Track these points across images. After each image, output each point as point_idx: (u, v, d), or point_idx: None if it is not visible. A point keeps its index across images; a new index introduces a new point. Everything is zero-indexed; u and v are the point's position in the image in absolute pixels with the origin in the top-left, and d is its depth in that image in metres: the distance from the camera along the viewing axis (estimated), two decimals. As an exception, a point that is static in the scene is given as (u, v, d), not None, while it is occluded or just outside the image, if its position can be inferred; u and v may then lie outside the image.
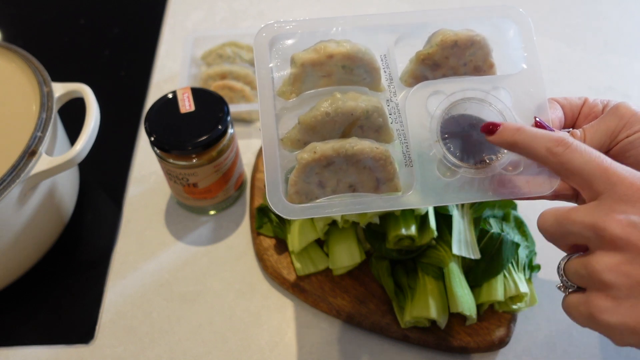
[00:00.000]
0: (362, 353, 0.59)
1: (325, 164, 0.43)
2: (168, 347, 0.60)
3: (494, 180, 0.45)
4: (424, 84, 0.45)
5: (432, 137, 0.45)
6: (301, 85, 0.45)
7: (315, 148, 0.43)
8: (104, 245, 0.68)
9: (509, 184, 0.45)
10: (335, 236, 0.60)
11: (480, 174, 0.45)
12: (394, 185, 0.45)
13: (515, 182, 0.45)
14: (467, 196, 0.44)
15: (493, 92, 0.45)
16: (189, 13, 0.96)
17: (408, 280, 0.58)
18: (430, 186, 0.44)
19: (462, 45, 0.45)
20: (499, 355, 0.58)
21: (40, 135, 0.56)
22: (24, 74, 0.62)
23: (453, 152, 0.45)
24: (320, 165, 0.43)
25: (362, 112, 0.44)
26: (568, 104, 0.47)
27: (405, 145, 0.45)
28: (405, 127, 0.45)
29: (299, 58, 0.45)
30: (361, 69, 0.45)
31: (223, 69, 0.79)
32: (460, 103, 0.45)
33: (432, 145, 0.44)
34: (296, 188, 0.43)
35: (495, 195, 0.45)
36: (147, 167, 0.75)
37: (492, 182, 0.45)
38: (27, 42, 0.93)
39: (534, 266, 0.60)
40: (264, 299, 0.63)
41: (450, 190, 0.44)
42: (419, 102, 0.45)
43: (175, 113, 0.60)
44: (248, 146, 0.77)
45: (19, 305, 0.64)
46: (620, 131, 0.42)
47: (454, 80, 0.46)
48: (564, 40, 0.88)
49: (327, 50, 0.44)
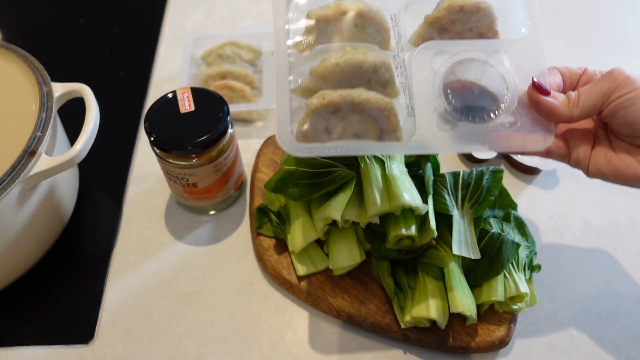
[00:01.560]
0: (362, 353, 0.59)
1: (332, 110, 0.46)
2: (168, 347, 0.60)
3: (491, 135, 0.48)
4: (430, 43, 0.49)
5: (435, 92, 0.47)
6: (315, 40, 0.48)
7: (324, 94, 0.46)
8: (103, 245, 0.68)
9: (505, 139, 0.48)
10: (335, 236, 0.60)
11: (479, 128, 0.47)
12: (396, 136, 0.47)
13: (512, 138, 0.48)
14: (463, 147, 0.47)
15: (495, 55, 0.48)
16: (189, 13, 0.96)
17: (408, 280, 0.58)
18: (430, 136, 0.47)
19: (468, 11, 0.48)
20: (499, 355, 0.58)
21: (39, 135, 0.56)
22: (24, 74, 0.62)
23: (454, 106, 0.47)
24: (328, 111, 0.46)
25: (370, 65, 0.47)
26: (568, 72, 0.50)
27: (409, 97, 0.48)
28: (410, 81, 0.48)
29: (314, 13, 0.48)
30: (372, 27, 0.48)
31: (223, 69, 0.79)
32: (463, 63, 0.48)
33: (434, 99, 0.47)
34: (304, 131, 0.46)
35: (491, 148, 0.48)
36: (147, 167, 0.75)
37: (489, 136, 0.48)
38: (26, 42, 0.93)
39: (535, 266, 0.60)
40: (264, 299, 0.63)
41: (448, 140, 0.47)
42: (425, 59, 0.48)
43: (175, 113, 0.60)
44: (248, 146, 0.77)
45: (19, 305, 0.64)
46: (612, 93, 0.45)
47: (458, 42, 0.49)
48: (564, 40, 0.88)
49: (341, 7, 0.48)
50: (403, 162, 0.58)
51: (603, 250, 0.65)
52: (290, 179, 0.58)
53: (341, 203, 0.56)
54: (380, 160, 0.57)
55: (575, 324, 0.60)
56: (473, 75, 0.48)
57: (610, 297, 0.62)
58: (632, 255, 0.65)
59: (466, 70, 0.48)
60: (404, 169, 0.57)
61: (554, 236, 0.67)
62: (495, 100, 0.47)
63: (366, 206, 0.55)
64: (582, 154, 0.49)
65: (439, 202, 0.59)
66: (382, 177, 0.56)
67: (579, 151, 0.49)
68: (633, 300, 0.62)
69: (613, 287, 0.63)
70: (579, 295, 0.62)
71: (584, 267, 0.64)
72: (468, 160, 0.73)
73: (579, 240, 0.66)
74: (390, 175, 0.55)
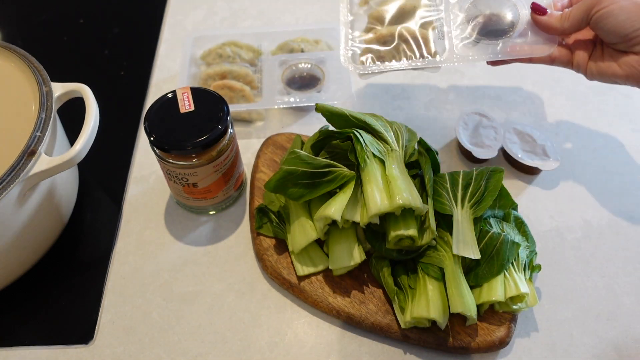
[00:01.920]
0: (362, 353, 0.59)
1: (383, 41, 0.65)
2: (168, 347, 0.60)
3: (505, 46, 0.62)
4: None
5: (462, 19, 0.64)
6: None
7: (376, 31, 0.66)
8: (103, 245, 0.68)
9: (516, 48, 0.62)
10: (335, 236, 0.60)
11: (494, 45, 0.62)
12: (431, 54, 0.64)
13: (521, 47, 0.62)
14: (481, 56, 0.62)
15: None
16: (189, 13, 0.96)
17: (408, 280, 0.58)
18: (458, 50, 0.63)
19: None
20: (499, 355, 0.58)
21: (39, 135, 0.56)
22: (23, 74, 0.62)
23: (476, 30, 0.63)
24: (380, 42, 0.65)
25: (411, 6, 0.67)
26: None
27: (440, 23, 0.65)
28: (445, 11, 0.65)
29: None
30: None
31: (223, 69, 0.79)
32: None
33: (460, 25, 0.64)
34: (363, 58, 0.65)
35: (504, 55, 0.62)
36: (147, 167, 0.75)
37: (504, 47, 0.62)
38: (26, 42, 0.93)
39: (535, 266, 0.60)
40: (264, 299, 0.63)
41: (470, 53, 0.63)
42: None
43: (175, 113, 0.60)
44: (248, 146, 0.77)
45: (19, 306, 0.64)
46: (593, 7, 0.56)
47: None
48: (564, 40, 0.88)
49: None
50: (403, 162, 0.58)
51: (603, 250, 0.65)
52: (290, 179, 0.58)
53: (341, 203, 0.56)
54: (380, 160, 0.57)
55: (575, 324, 0.60)
56: (492, 5, 0.64)
57: (610, 297, 0.62)
58: (632, 255, 0.65)
59: (486, 2, 0.64)
60: (404, 169, 0.57)
61: (554, 236, 0.67)
62: (509, 25, 0.63)
63: (366, 206, 0.55)
64: (582, 59, 0.61)
65: (439, 202, 0.59)
66: (382, 177, 0.56)
67: (579, 58, 0.61)
68: (633, 300, 0.62)
69: (613, 287, 0.63)
70: (579, 295, 0.62)
71: (584, 267, 0.64)
72: (468, 160, 0.73)
73: (579, 240, 0.66)
74: (390, 175, 0.55)
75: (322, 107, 0.60)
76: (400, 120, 0.68)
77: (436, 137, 0.76)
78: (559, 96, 0.80)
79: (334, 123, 0.61)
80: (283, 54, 0.82)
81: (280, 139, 0.74)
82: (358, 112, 0.61)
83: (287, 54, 0.81)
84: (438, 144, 0.76)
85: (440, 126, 0.78)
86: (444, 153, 0.75)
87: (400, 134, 0.60)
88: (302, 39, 0.84)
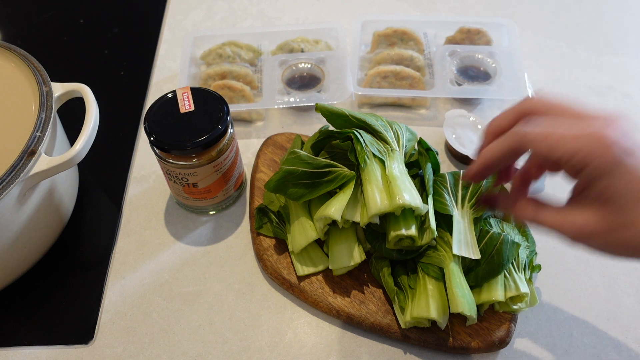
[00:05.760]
0: (362, 353, 0.59)
1: (383, 75, 0.78)
2: (168, 347, 0.60)
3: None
4: (447, 47, 0.82)
5: (450, 68, 0.79)
6: (376, 47, 0.85)
7: (378, 68, 0.80)
8: (103, 245, 0.68)
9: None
10: (335, 236, 0.60)
11: (474, 87, 0.77)
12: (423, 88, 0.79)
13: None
14: (462, 94, 0.77)
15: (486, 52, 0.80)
16: (189, 13, 0.96)
17: (408, 280, 0.58)
18: (445, 89, 0.77)
19: (472, 32, 0.85)
20: (499, 355, 0.58)
21: (39, 135, 0.56)
22: (23, 74, 0.62)
23: (460, 76, 0.79)
24: (380, 76, 0.79)
25: (408, 55, 0.81)
26: None
27: (431, 71, 0.81)
28: (432, 65, 0.81)
29: (376, 33, 0.85)
30: (412, 41, 0.84)
31: (223, 69, 0.79)
32: (468, 56, 0.80)
33: (448, 74, 0.78)
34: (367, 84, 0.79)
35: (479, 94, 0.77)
36: (147, 167, 0.75)
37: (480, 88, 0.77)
38: (26, 42, 0.93)
39: (535, 266, 0.60)
40: (263, 299, 0.63)
41: (454, 91, 0.77)
42: (443, 55, 0.81)
43: (175, 113, 0.60)
44: (248, 146, 0.77)
45: (19, 306, 0.64)
46: None
47: (464, 46, 0.82)
48: (564, 40, 0.88)
49: (392, 29, 0.84)
50: (403, 162, 0.58)
51: (603, 250, 0.65)
52: (290, 179, 0.58)
53: (341, 203, 0.56)
54: (381, 160, 0.57)
55: (575, 324, 0.60)
56: (473, 62, 0.80)
57: (610, 297, 0.62)
58: (632, 255, 0.65)
59: (469, 59, 0.80)
60: (404, 169, 0.57)
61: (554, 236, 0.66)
62: (486, 74, 0.78)
63: (366, 206, 0.55)
64: None
65: (439, 202, 0.59)
66: (382, 177, 0.56)
67: None
68: (633, 300, 0.62)
69: (613, 287, 0.63)
70: (579, 295, 0.62)
71: (584, 267, 0.64)
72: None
73: (579, 240, 0.66)
74: (390, 175, 0.55)
75: (322, 107, 0.60)
76: (400, 120, 0.68)
77: (436, 137, 0.76)
78: (559, 93, 0.80)
79: (334, 123, 0.61)
80: (283, 54, 0.81)
81: (280, 139, 0.74)
82: (358, 112, 0.61)
83: (287, 54, 0.81)
84: (437, 144, 0.76)
85: (440, 126, 0.78)
86: (444, 153, 0.75)
87: (400, 134, 0.60)
88: (302, 38, 0.84)
